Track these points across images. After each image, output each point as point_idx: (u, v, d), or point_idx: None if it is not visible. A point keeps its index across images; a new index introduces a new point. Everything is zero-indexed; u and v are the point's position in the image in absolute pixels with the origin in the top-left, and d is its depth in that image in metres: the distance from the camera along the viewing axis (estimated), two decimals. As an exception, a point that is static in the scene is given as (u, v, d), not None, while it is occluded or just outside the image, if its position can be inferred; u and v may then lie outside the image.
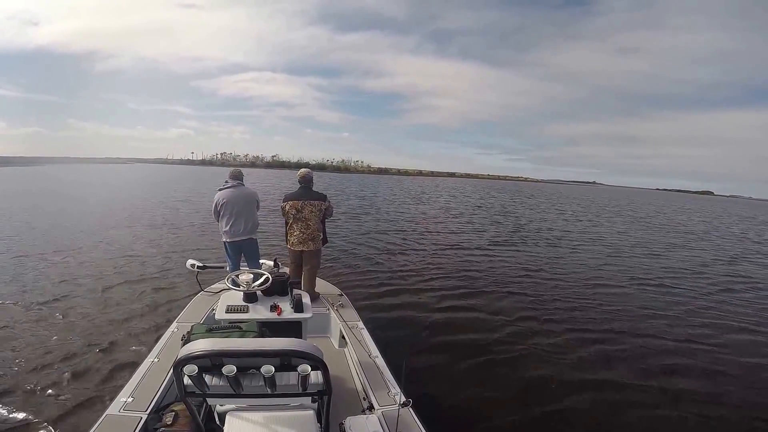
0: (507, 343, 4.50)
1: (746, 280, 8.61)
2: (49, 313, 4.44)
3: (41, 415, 2.77)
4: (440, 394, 3.34)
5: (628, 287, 7.28)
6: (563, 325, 5.15)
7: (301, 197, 3.74)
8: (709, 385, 3.87)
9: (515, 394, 3.49)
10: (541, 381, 3.73)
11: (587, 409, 3.36)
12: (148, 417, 1.91)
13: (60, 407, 2.86)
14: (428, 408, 2.35)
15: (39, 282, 5.52)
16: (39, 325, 4.13)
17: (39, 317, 4.34)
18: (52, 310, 4.53)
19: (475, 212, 19.98)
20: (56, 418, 2.74)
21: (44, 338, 3.86)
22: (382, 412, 2.05)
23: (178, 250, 7.84)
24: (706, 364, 4.34)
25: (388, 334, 4.31)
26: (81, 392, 3.05)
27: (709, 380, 3.98)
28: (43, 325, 4.14)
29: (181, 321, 3.04)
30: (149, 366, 2.36)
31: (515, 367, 3.96)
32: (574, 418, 3.24)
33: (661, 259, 10.33)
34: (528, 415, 3.21)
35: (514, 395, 3.48)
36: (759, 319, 5.94)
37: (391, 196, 27.48)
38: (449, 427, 2.87)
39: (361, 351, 2.76)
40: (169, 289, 5.42)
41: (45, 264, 6.41)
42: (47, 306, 4.65)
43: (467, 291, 6.30)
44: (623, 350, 4.50)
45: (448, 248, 9.75)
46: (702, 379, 4.01)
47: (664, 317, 5.69)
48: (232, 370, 1.49)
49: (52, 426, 2.68)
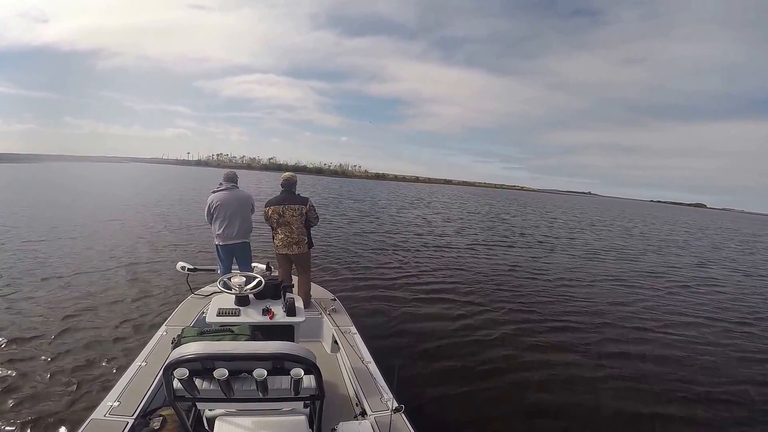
0: (499, 348, 4.51)
1: (708, 281, 9.80)
2: (33, 314, 4.35)
3: (23, 419, 2.70)
4: (433, 400, 3.33)
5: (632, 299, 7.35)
6: (556, 330, 5.19)
7: (283, 202, 3.73)
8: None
9: (507, 400, 3.49)
10: (534, 386, 3.74)
11: (579, 413, 3.38)
12: (134, 421, 1.88)
13: (43, 411, 2.80)
14: (421, 414, 2.34)
15: (21, 282, 5.39)
16: (22, 327, 4.05)
17: (22, 319, 4.25)
18: (35, 312, 4.44)
19: (467, 220, 20.06)
20: (39, 422, 2.68)
21: (27, 340, 3.78)
22: (375, 418, 2.04)
23: (168, 252, 7.75)
24: (656, 347, 5.00)
25: (380, 339, 4.32)
26: (65, 395, 2.99)
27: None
28: (26, 327, 4.06)
29: (170, 324, 3.00)
30: (137, 369, 2.32)
31: (507, 373, 3.96)
32: (566, 422, 3.25)
33: (639, 263, 11.28)
34: (520, 420, 3.21)
35: (507, 401, 3.48)
36: (710, 308, 7.09)
37: (386, 203, 27.52)
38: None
39: (353, 356, 2.74)
40: (158, 292, 5.34)
41: (29, 264, 6.29)
42: (31, 307, 4.56)
43: (460, 298, 6.31)
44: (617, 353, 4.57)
45: (441, 255, 9.76)
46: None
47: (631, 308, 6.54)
48: (224, 374, 1.47)
49: (36, 430, 2.61)
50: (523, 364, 4.20)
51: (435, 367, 3.93)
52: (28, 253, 6.90)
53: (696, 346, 5.16)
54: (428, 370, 3.87)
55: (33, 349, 3.62)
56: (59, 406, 2.85)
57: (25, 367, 3.31)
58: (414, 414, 2.07)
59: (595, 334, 5.22)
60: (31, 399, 2.92)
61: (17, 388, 3.03)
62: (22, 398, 2.92)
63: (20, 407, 2.82)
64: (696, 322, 6.17)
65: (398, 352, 4.13)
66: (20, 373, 3.22)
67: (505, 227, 17.80)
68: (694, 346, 5.12)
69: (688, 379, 4.22)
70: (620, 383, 3.98)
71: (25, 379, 3.15)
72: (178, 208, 15.20)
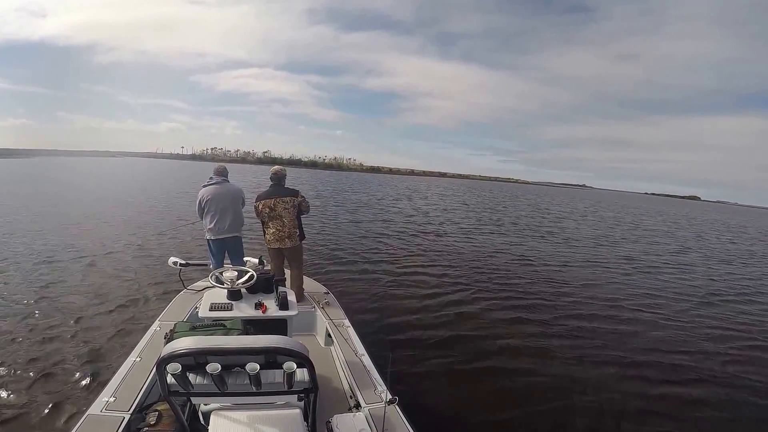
0: (492, 340, 4.55)
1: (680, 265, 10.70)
2: (28, 311, 4.32)
3: (19, 415, 2.70)
4: (426, 392, 3.36)
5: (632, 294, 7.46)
6: (549, 321, 5.24)
7: (273, 195, 3.71)
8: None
9: (500, 391, 3.53)
10: (527, 377, 3.79)
11: (570, 403, 3.42)
12: (131, 417, 1.88)
13: (39, 407, 2.79)
14: (414, 405, 2.36)
15: (13, 279, 5.34)
16: (15, 323, 4.02)
17: (16, 314, 4.23)
18: (30, 308, 4.41)
19: (461, 211, 20.11)
20: (35, 418, 2.67)
21: (21, 336, 3.76)
22: (369, 410, 2.06)
23: (160, 247, 7.69)
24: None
25: (374, 332, 4.34)
26: (61, 391, 2.98)
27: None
28: (21, 323, 4.03)
29: (163, 319, 3.00)
30: (131, 365, 2.32)
31: (500, 364, 4.00)
32: (558, 413, 3.29)
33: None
34: (512, 411, 3.25)
35: (500, 392, 3.52)
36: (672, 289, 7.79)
37: (380, 195, 27.49)
38: (435, 425, 2.88)
39: (347, 349, 2.75)
40: (150, 287, 5.31)
41: (21, 261, 6.22)
42: (25, 303, 4.53)
43: (453, 290, 6.34)
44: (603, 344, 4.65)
45: (435, 248, 9.77)
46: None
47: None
48: (217, 368, 1.47)
49: (31, 427, 2.61)
50: (516, 354, 4.24)
51: (428, 359, 3.96)
52: (17, 246, 6.85)
53: (661, 320, 5.77)
54: (422, 362, 3.89)
55: (27, 346, 3.59)
56: (55, 403, 2.84)
57: (18, 364, 3.29)
58: (408, 406, 2.09)
59: (586, 322, 5.30)
60: (26, 396, 2.91)
61: (12, 385, 3.01)
62: (18, 396, 2.91)
63: (16, 405, 2.80)
64: (660, 300, 6.85)
65: (392, 344, 4.14)
66: (15, 371, 3.20)
67: (497, 218, 17.91)
68: (664, 323, 5.68)
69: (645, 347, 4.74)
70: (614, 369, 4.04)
71: (19, 376, 3.13)
72: (171, 202, 15.08)
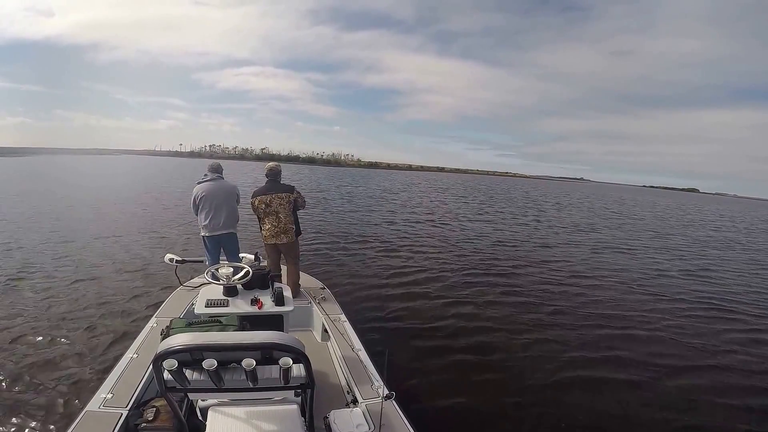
0: (489, 334, 4.56)
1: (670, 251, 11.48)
2: (23, 310, 4.31)
3: (17, 413, 2.70)
4: (423, 387, 3.37)
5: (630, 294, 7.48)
6: (547, 315, 5.25)
7: (269, 191, 3.72)
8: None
9: (498, 385, 3.55)
10: (524, 371, 3.80)
11: (568, 399, 3.43)
12: (128, 413, 1.89)
13: (37, 404, 2.80)
14: (411, 401, 2.38)
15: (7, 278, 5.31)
16: (11, 321, 4.02)
17: (11, 312, 4.22)
18: (25, 306, 4.40)
19: (459, 206, 20.13)
20: (34, 416, 2.68)
21: (17, 335, 3.75)
22: (366, 406, 2.07)
23: (156, 245, 7.68)
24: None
25: (370, 327, 4.35)
26: (59, 388, 2.99)
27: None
28: (16, 322, 4.02)
29: (160, 316, 3.00)
30: (129, 361, 2.32)
31: (498, 359, 4.02)
32: (554, 408, 3.30)
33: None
34: (509, 406, 3.26)
35: (497, 386, 3.53)
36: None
37: (376, 191, 27.46)
38: (432, 420, 2.90)
39: (343, 344, 2.75)
40: (147, 284, 5.31)
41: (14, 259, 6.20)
42: (20, 302, 4.52)
43: (450, 284, 6.35)
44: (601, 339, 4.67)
45: (431, 243, 9.78)
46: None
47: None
48: (213, 364, 1.48)
49: (29, 424, 2.62)
50: (514, 349, 4.24)
51: (425, 354, 3.96)
52: (13, 244, 6.83)
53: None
54: (419, 357, 3.90)
55: (24, 344, 3.60)
56: (53, 400, 2.85)
57: (16, 362, 3.29)
58: (405, 401, 2.10)
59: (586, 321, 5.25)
60: (24, 393, 2.91)
61: (10, 383, 3.02)
62: (15, 394, 2.91)
63: (15, 403, 2.81)
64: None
65: (388, 339, 4.15)
66: (13, 369, 3.20)
67: (497, 212, 17.93)
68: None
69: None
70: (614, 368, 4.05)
71: (17, 374, 3.13)
72: (168, 200, 15.03)
